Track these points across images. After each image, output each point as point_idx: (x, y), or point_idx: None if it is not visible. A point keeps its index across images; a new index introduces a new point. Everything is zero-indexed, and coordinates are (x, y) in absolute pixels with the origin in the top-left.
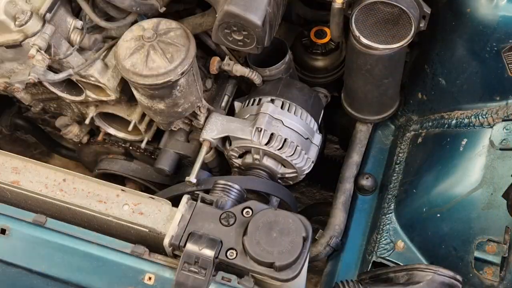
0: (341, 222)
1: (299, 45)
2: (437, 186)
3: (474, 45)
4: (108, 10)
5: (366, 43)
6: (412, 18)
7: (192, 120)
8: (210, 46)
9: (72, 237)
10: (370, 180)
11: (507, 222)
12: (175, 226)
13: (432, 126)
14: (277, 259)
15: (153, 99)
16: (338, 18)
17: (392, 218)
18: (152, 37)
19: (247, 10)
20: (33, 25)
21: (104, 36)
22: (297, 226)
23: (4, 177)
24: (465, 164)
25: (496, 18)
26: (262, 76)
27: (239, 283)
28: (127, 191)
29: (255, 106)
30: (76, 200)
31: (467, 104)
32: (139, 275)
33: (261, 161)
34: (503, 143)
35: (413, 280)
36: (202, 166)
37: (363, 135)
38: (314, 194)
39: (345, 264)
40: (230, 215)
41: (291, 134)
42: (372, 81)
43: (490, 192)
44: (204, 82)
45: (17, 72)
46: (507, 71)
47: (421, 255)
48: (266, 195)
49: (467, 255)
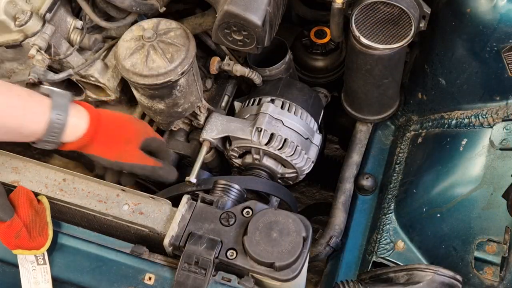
0: (341, 222)
1: (299, 45)
2: (437, 186)
3: (474, 45)
4: (108, 10)
5: (366, 43)
6: (412, 18)
7: (192, 120)
8: (210, 46)
9: (72, 237)
10: (370, 180)
11: (507, 222)
12: (175, 226)
13: (432, 126)
14: (277, 259)
15: (153, 99)
16: (338, 18)
17: (392, 218)
18: (152, 37)
19: (247, 10)
20: (33, 25)
21: (104, 36)
22: (297, 226)
23: (4, 177)
24: (465, 164)
25: (496, 18)
26: (262, 76)
27: (239, 283)
28: (127, 191)
29: (255, 106)
30: (76, 200)
31: (467, 104)
32: (139, 275)
33: (261, 161)
34: (503, 143)
35: (413, 280)
36: (202, 166)
37: (363, 135)
38: (314, 194)
39: (345, 264)
40: (230, 215)
41: (291, 134)
42: (372, 81)
43: (490, 192)
44: (204, 82)
45: (17, 72)
46: (507, 71)
47: (421, 255)
48: (266, 195)
49: (467, 255)
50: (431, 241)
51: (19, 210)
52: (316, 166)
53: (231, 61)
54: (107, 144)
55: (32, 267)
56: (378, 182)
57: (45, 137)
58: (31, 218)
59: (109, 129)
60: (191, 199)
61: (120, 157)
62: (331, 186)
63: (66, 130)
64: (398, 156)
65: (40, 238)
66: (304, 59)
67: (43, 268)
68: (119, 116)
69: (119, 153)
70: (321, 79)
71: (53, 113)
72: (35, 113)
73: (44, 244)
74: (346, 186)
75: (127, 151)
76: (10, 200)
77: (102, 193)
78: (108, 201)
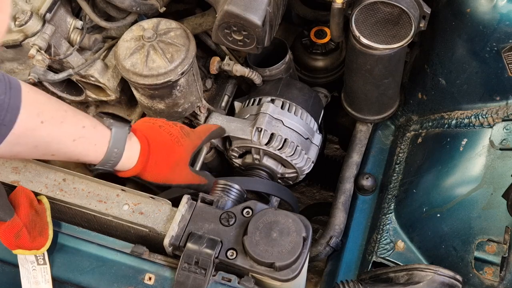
0: (341, 222)
1: (299, 45)
2: (437, 186)
3: (474, 45)
4: (108, 10)
5: (366, 43)
6: (412, 18)
7: (192, 120)
8: (210, 46)
9: (72, 237)
10: (370, 180)
11: (507, 222)
12: (175, 226)
13: (432, 126)
14: (277, 259)
15: (153, 99)
16: (338, 18)
17: (392, 218)
18: (152, 37)
19: (247, 10)
20: (33, 25)
21: (104, 36)
22: (297, 226)
23: (4, 177)
24: (465, 164)
25: (496, 18)
26: (262, 76)
27: (239, 283)
28: (127, 191)
29: (255, 106)
30: (76, 200)
31: (467, 104)
32: (139, 275)
33: (261, 161)
34: (503, 143)
35: (413, 280)
36: (202, 166)
37: (363, 135)
38: (314, 194)
39: (345, 264)
40: (230, 215)
41: (291, 134)
42: (372, 81)
43: (490, 192)
44: (204, 82)
45: (17, 72)
46: (507, 71)
47: (421, 255)
48: (266, 195)
49: (467, 255)
50: (431, 241)
51: (19, 210)
52: (316, 166)
53: (231, 61)
54: (156, 171)
55: (32, 267)
56: (378, 182)
57: (99, 165)
58: (31, 218)
59: (159, 157)
60: (191, 199)
61: (168, 180)
62: (331, 186)
63: (119, 163)
64: (398, 156)
65: (40, 238)
66: (304, 59)
67: (43, 268)
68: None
69: (167, 177)
70: (321, 79)
71: (112, 147)
72: (96, 145)
73: (44, 244)
74: (346, 186)
75: (175, 174)
76: (10, 200)
77: (102, 193)
78: (108, 201)
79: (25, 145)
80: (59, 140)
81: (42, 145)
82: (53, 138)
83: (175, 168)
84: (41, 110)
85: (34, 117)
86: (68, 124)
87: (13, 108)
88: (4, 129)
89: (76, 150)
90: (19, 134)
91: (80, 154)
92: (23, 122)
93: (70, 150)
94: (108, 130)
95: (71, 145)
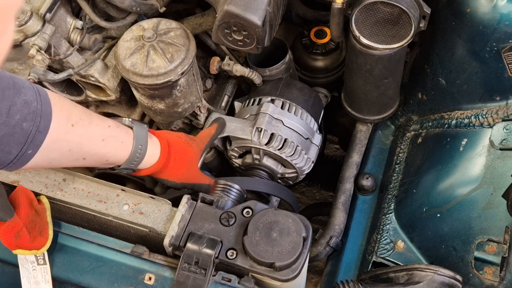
0: (341, 222)
1: (299, 45)
2: (437, 186)
3: (474, 45)
4: (108, 10)
5: (366, 43)
6: (412, 18)
7: (192, 120)
8: (210, 46)
9: (72, 237)
10: (370, 180)
11: (507, 222)
12: (175, 226)
13: (432, 126)
14: (277, 259)
15: (153, 99)
16: (338, 18)
17: (392, 218)
18: (152, 37)
19: (247, 10)
20: (33, 25)
21: (104, 36)
22: (297, 226)
23: (4, 177)
24: (465, 164)
25: (496, 18)
26: (262, 76)
27: (239, 283)
28: (127, 191)
29: (255, 106)
30: (76, 200)
31: (467, 104)
32: (139, 275)
33: (261, 161)
34: (503, 143)
35: (413, 280)
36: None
37: (363, 135)
38: (314, 194)
39: (345, 264)
40: (230, 215)
41: (291, 134)
42: (372, 81)
43: (490, 192)
44: (204, 82)
45: (17, 72)
46: (507, 71)
47: (421, 255)
48: (266, 195)
49: (467, 255)
50: (431, 241)
51: (19, 210)
52: (316, 166)
53: (231, 61)
54: (176, 168)
55: (32, 267)
56: (378, 182)
57: (125, 165)
58: (31, 218)
59: (177, 155)
60: (191, 199)
61: (185, 179)
62: (331, 186)
63: (144, 160)
64: (398, 156)
65: (41, 238)
66: (304, 59)
67: (43, 268)
68: (181, 141)
69: (184, 175)
70: (321, 79)
71: (136, 144)
72: (123, 142)
73: (44, 244)
74: (346, 186)
75: (191, 173)
76: (10, 200)
77: (102, 193)
78: (108, 201)
79: (60, 150)
80: (90, 140)
81: (75, 147)
82: (84, 139)
83: (190, 167)
84: (69, 114)
85: (65, 121)
86: (95, 124)
87: (46, 114)
88: (40, 136)
89: (106, 149)
90: (54, 140)
91: (110, 153)
92: (55, 127)
93: (101, 150)
94: (130, 128)
95: (101, 145)
